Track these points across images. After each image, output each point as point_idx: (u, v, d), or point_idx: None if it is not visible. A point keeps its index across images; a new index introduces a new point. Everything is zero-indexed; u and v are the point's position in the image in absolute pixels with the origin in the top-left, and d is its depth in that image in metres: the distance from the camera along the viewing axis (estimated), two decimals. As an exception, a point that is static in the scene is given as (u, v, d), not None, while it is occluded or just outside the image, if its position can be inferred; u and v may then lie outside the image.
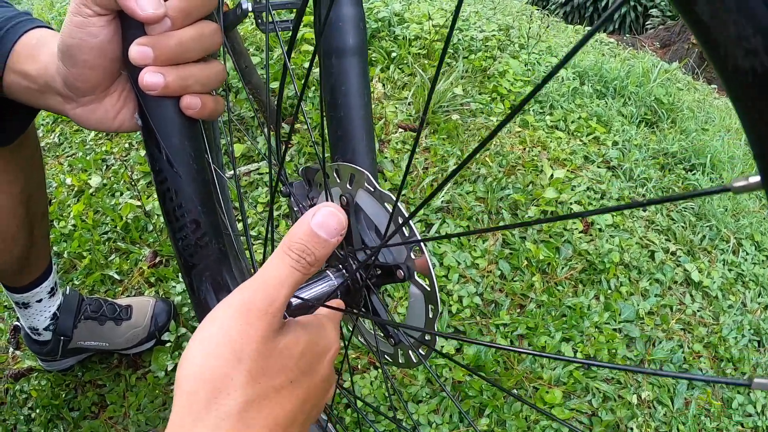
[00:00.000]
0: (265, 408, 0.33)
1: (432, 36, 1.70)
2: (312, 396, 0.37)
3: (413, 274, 0.53)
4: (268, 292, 0.34)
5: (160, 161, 0.49)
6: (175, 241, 0.51)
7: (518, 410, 1.03)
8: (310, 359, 0.37)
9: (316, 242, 0.36)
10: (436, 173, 1.39)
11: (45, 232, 0.85)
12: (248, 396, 0.32)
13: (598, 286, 1.25)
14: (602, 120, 1.70)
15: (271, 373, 0.33)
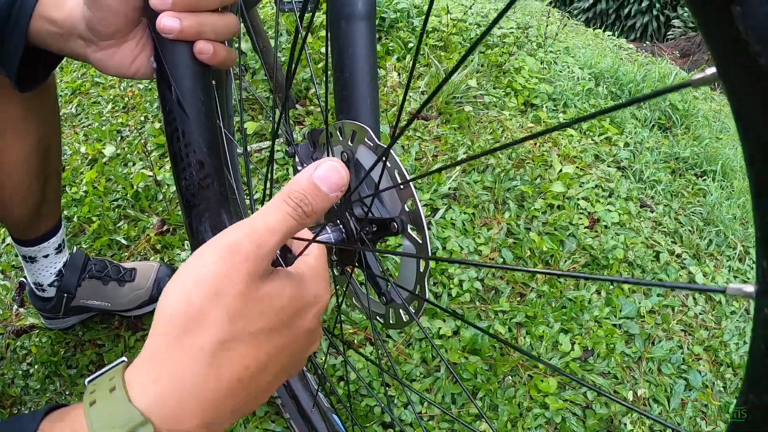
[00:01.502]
0: (236, 351, 0.32)
1: (450, 29, 1.71)
2: (290, 348, 0.36)
3: (406, 226, 0.54)
4: (258, 235, 0.33)
5: (171, 102, 0.51)
6: (179, 181, 0.53)
7: (512, 395, 1.03)
8: (293, 312, 0.36)
9: (316, 194, 0.35)
10: (446, 161, 1.40)
11: (57, 189, 0.87)
12: (222, 335, 0.31)
13: (600, 282, 1.25)
14: (615, 121, 1.70)
15: (249, 318, 0.32)
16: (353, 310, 1.09)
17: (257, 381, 0.34)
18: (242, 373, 0.32)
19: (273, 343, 0.34)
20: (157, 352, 0.31)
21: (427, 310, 1.11)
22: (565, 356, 1.10)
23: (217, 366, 0.31)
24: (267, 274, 0.34)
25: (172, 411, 0.30)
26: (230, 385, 0.32)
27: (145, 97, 1.44)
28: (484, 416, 0.46)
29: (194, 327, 0.31)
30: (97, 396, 0.31)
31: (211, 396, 0.31)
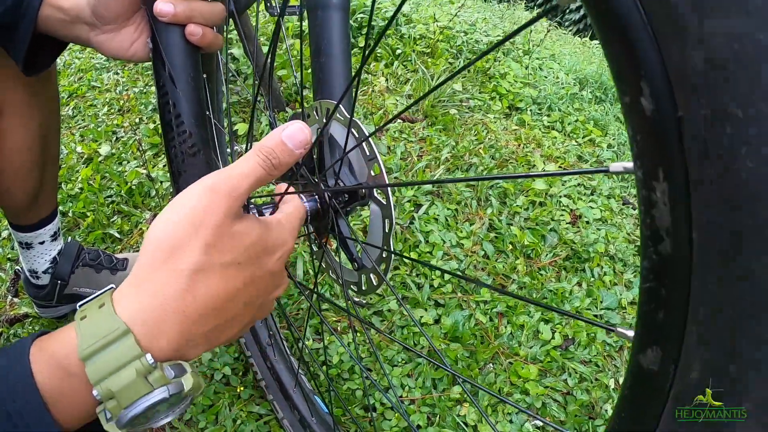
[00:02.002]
0: (210, 278, 0.36)
1: (437, 36, 1.77)
2: (256, 285, 0.40)
3: (373, 192, 0.58)
4: (233, 179, 0.38)
5: (164, 77, 0.57)
6: (169, 149, 0.58)
7: (492, 381, 1.05)
8: (260, 250, 0.40)
9: (283, 149, 0.40)
10: (430, 160, 1.44)
11: (55, 176, 0.92)
12: (199, 262, 0.36)
13: (581, 274, 1.28)
14: (599, 124, 1.74)
15: (222, 250, 0.37)
16: (329, 279, 1.12)
17: (227, 309, 0.38)
18: (214, 297, 0.36)
19: (241, 276, 0.38)
20: (141, 274, 0.36)
21: (410, 300, 1.14)
22: (546, 344, 1.13)
23: (193, 288, 0.35)
24: (240, 215, 0.39)
25: (152, 324, 0.34)
26: (204, 307, 0.36)
27: (140, 100, 1.49)
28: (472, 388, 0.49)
29: (175, 253, 0.35)
30: (87, 312, 0.35)
31: (186, 314, 0.35)
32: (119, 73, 1.62)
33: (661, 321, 0.23)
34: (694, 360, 0.22)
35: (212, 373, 1.00)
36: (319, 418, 0.89)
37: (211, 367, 1.00)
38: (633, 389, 0.26)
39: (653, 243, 0.23)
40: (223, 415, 0.96)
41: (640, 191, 0.24)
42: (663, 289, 0.23)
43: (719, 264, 0.20)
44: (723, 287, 0.20)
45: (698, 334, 0.21)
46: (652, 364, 0.24)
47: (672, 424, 0.24)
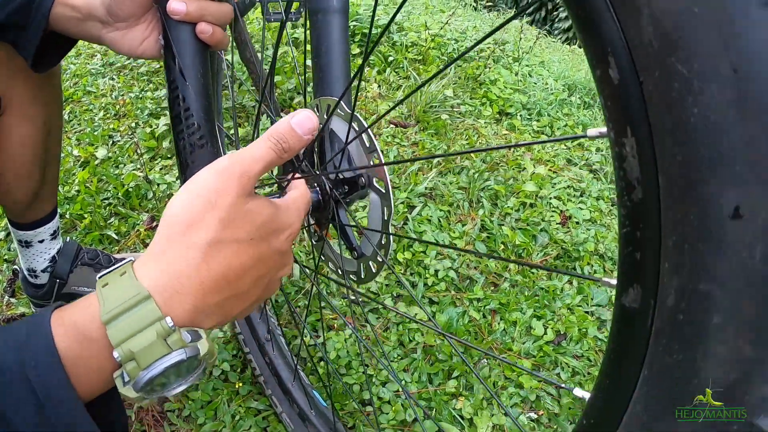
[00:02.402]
0: (224, 251, 0.39)
1: (428, 43, 1.81)
2: (266, 261, 0.43)
3: (372, 180, 0.61)
4: (246, 162, 0.41)
5: (174, 72, 0.60)
6: (178, 141, 0.60)
7: (486, 375, 1.07)
8: (270, 229, 0.42)
9: (292, 135, 0.43)
10: (422, 163, 1.47)
11: (55, 175, 0.93)
12: (214, 236, 0.38)
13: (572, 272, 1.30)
14: (588, 128, 1.78)
15: (235, 227, 0.39)
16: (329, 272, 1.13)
17: (239, 282, 0.40)
18: (227, 270, 0.39)
19: (252, 251, 0.41)
20: (160, 246, 0.38)
21: (404, 298, 1.16)
22: (539, 340, 1.15)
23: (208, 260, 0.38)
24: (252, 195, 0.42)
25: (171, 291, 0.37)
26: (218, 278, 0.38)
27: (136, 105, 1.51)
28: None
29: (192, 228, 0.38)
30: (108, 280, 0.37)
31: (202, 284, 0.38)
32: (114, 79, 1.64)
33: (639, 261, 0.26)
34: (669, 288, 0.24)
35: (211, 370, 1.01)
36: (318, 411, 0.90)
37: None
38: (619, 331, 0.28)
39: (627, 192, 0.26)
40: (221, 411, 0.97)
41: (613, 150, 0.27)
42: (638, 232, 0.26)
43: (679, 198, 0.23)
44: (683, 217, 0.23)
45: (670, 264, 0.24)
46: (633, 302, 0.27)
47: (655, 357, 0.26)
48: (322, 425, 0.88)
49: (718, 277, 0.23)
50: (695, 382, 0.25)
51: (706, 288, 0.23)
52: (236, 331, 1.00)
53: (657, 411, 0.27)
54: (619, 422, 0.30)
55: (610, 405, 0.30)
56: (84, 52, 1.81)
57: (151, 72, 1.66)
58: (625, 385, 0.28)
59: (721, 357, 0.24)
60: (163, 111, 1.49)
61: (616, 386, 0.29)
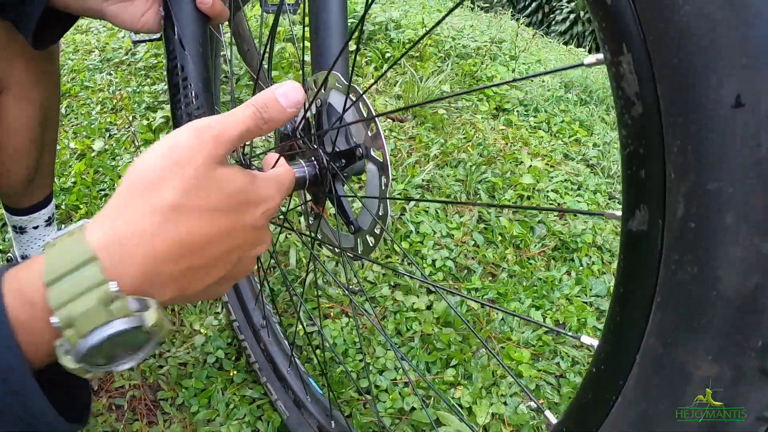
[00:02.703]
0: (185, 218, 0.35)
1: (425, 40, 1.82)
2: (234, 236, 0.38)
3: (370, 151, 0.60)
4: (224, 124, 0.37)
5: (174, 42, 0.60)
6: (176, 110, 0.60)
7: (485, 364, 1.06)
8: (243, 199, 0.38)
9: (275, 105, 0.40)
10: (420, 156, 1.47)
11: (51, 160, 0.93)
12: (177, 200, 0.34)
13: (570, 263, 1.30)
14: (584, 124, 1.79)
15: (200, 192, 0.35)
16: (325, 247, 1.13)
17: (200, 254, 0.36)
18: (184, 239, 0.35)
19: (219, 222, 0.37)
20: (116, 204, 0.35)
21: (401, 287, 1.15)
22: (537, 329, 1.14)
23: (165, 225, 0.34)
24: (225, 162, 0.38)
25: (120, 254, 0.33)
26: (175, 246, 0.34)
27: (133, 99, 1.51)
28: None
29: (153, 188, 0.34)
30: (57, 241, 0.34)
31: (156, 249, 0.34)
32: (112, 74, 1.64)
33: (644, 178, 0.25)
34: (677, 198, 0.24)
35: (205, 358, 1.00)
36: (314, 398, 0.89)
37: (203, 351, 1.00)
38: (626, 261, 0.28)
39: (627, 110, 0.26)
40: (215, 399, 0.95)
41: (610, 71, 0.27)
42: (641, 149, 0.25)
43: (679, 100, 0.23)
44: (685, 118, 0.23)
45: (676, 171, 0.23)
46: (641, 225, 0.26)
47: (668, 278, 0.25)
48: (319, 412, 0.87)
49: (726, 172, 0.22)
50: (714, 295, 0.24)
51: (715, 186, 0.22)
52: (231, 318, 0.99)
53: (673, 337, 0.26)
54: (631, 362, 0.29)
55: (621, 345, 0.29)
56: (82, 48, 1.81)
57: (149, 67, 1.66)
58: (637, 319, 0.27)
59: (740, 259, 0.23)
60: (160, 104, 1.49)
61: (628, 322, 0.28)
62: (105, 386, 0.99)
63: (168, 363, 1.00)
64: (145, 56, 1.70)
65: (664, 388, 0.27)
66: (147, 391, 0.98)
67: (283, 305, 1.11)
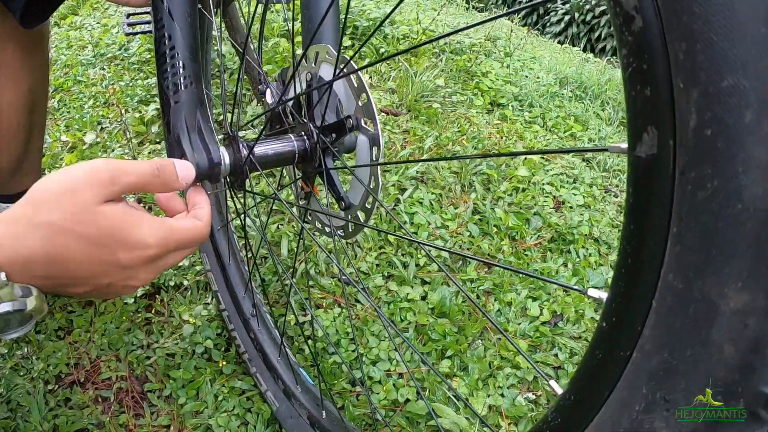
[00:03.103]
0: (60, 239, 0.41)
1: (420, 36, 1.81)
2: (103, 268, 0.43)
3: (360, 121, 0.59)
4: (121, 170, 0.43)
5: (162, 11, 0.59)
6: (162, 80, 0.59)
7: (481, 356, 1.04)
8: (118, 239, 0.43)
9: (171, 171, 0.48)
10: (414, 149, 1.45)
11: (39, 146, 0.91)
12: (58, 222, 0.40)
13: (566, 255, 1.28)
14: (579, 120, 1.78)
15: (79, 220, 0.41)
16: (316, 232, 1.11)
17: (63, 269, 0.42)
18: (51, 251, 0.41)
19: (86, 250, 0.42)
20: (18, 211, 0.41)
21: (395, 277, 1.13)
22: (535, 320, 1.12)
23: (43, 238, 0.40)
24: (114, 202, 0.43)
25: (8, 252, 0.39)
26: (45, 258, 0.41)
27: (126, 92, 1.50)
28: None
29: (44, 206, 0.41)
30: None
31: (31, 255, 0.40)
32: (105, 69, 1.63)
33: (649, 96, 0.24)
34: (689, 107, 0.22)
35: (193, 348, 0.98)
36: (305, 388, 0.86)
37: (192, 342, 0.98)
38: (636, 193, 0.26)
39: (626, 26, 0.24)
40: (204, 391, 0.93)
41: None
42: (644, 64, 0.24)
43: (681, 4, 0.21)
44: (689, 19, 0.21)
45: (684, 77, 0.22)
46: (650, 148, 0.24)
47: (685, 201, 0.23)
48: (310, 403, 0.85)
49: (740, 63, 0.20)
50: (739, 209, 0.22)
51: (730, 83, 0.20)
52: (221, 308, 0.97)
53: (695, 268, 0.24)
54: (647, 308, 0.26)
55: (635, 291, 0.27)
56: (75, 44, 1.80)
57: (142, 62, 1.65)
58: (652, 257, 0.25)
59: (766, 161, 0.20)
60: (153, 98, 1.48)
61: (640, 263, 0.26)
62: (91, 378, 0.96)
63: (156, 354, 0.98)
64: (138, 51, 1.69)
65: (689, 330, 0.25)
66: (134, 382, 0.95)
67: (274, 295, 1.09)
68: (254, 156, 0.60)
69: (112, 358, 0.98)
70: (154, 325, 1.02)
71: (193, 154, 0.58)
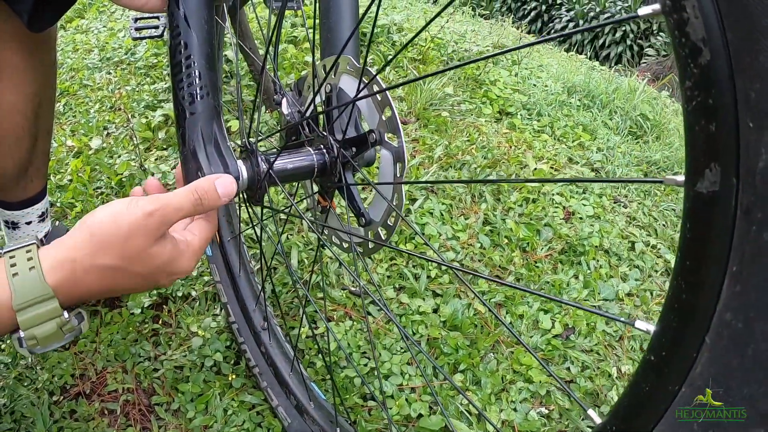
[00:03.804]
0: (118, 276, 0.47)
1: (428, 44, 1.80)
2: (147, 284, 0.51)
3: (384, 136, 0.57)
4: (169, 210, 0.47)
5: (178, 18, 0.56)
6: (178, 90, 0.57)
7: (494, 369, 1.02)
8: (164, 271, 0.50)
9: (213, 194, 0.51)
10: (423, 158, 1.44)
11: (45, 152, 0.89)
12: (114, 264, 0.46)
13: (577, 267, 1.27)
14: (588, 129, 1.77)
15: (135, 262, 0.47)
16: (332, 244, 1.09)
17: (113, 292, 0.50)
18: (114, 287, 0.48)
19: (140, 280, 0.49)
20: (72, 249, 0.45)
21: (407, 289, 1.12)
22: (546, 333, 1.11)
23: (102, 278, 0.46)
24: (161, 238, 0.48)
25: (69, 290, 0.45)
26: (103, 290, 0.48)
27: (132, 97, 1.48)
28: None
29: (102, 249, 0.45)
30: (18, 270, 0.44)
31: (89, 290, 0.47)
32: (111, 73, 1.61)
33: (714, 133, 0.23)
34: (758, 147, 0.21)
35: (202, 361, 0.96)
36: (317, 404, 0.85)
37: (201, 354, 0.96)
38: (695, 228, 0.25)
39: (692, 58, 0.23)
40: (213, 405, 0.91)
41: (669, 20, 0.25)
42: (710, 99, 0.23)
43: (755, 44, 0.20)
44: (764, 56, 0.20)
45: (755, 117, 0.21)
46: (712, 185, 0.23)
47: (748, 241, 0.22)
48: (323, 418, 0.83)
49: None
50: None
51: None
52: (230, 320, 0.95)
53: (757, 307, 0.23)
54: (699, 345, 0.25)
55: (688, 327, 0.26)
56: (81, 47, 1.78)
57: (149, 66, 1.63)
58: (708, 294, 0.24)
59: None
60: (159, 103, 1.46)
61: (695, 299, 0.25)
62: (97, 390, 0.94)
63: (163, 366, 0.96)
64: (145, 55, 1.67)
65: (746, 369, 0.23)
66: (141, 395, 0.93)
67: (284, 307, 1.07)
68: (273, 171, 0.58)
69: (118, 369, 0.96)
70: (161, 337, 1.00)
71: (209, 168, 0.57)
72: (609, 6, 5.87)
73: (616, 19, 0.27)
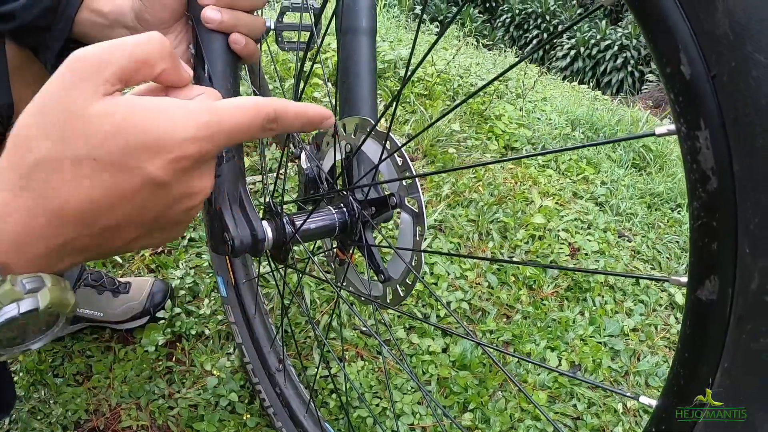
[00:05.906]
0: (56, 175, 0.28)
1: (434, 79, 1.85)
2: (131, 198, 0.30)
3: (404, 200, 0.60)
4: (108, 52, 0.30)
5: (204, 81, 0.59)
6: None
7: (503, 408, 1.04)
8: (129, 144, 0.28)
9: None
10: (431, 196, 1.47)
11: None
12: (40, 154, 0.28)
13: (583, 303, 1.29)
14: (592, 162, 1.80)
15: (72, 138, 0.28)
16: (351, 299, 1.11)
17: (89, 221, 0.29)
18: (63, 203, 0.28)
19: (102, 178, 0.29)
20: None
21: (417, 329, 1.14)
22: (553, 371, 1.12)
23: (31, 188, 0.28)
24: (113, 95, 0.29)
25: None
26: (50, 213, 0.28)
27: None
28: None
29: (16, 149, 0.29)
30: None
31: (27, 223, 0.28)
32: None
33: (716, 251, 0.26)
34: (752, 272, 0.24)
35: (217, 400, 0.98)
36: (331, 445, 0.86)
37: (216, 394, 0.98)
38: (693, 327, 0.28)
39: (701, 184, 0.26)
40: (228, 445, 0.93)
41: (683, 145, 0.28)
42: (714, 222, 0.25)
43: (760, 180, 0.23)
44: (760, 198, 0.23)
45: (752, 247, 0.24)
46: (710, 294, 0.26)
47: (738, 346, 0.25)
48: (335, 459, 0.85)
49: None
50: None
51: None
52: (245, 361, 0.97)
53: (745, 400, 0.26)
54: (694, 425, 0.28)
55: (683, 408, 0.29)
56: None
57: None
58: (701, 384, 0.27)
59: None
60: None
61: (692, 386, 0.28)
62: (111, 426, 0.96)
63: (178, 404, 0.98)
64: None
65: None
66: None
67: (299, 347, 1.09)
68: None
69: (132, 406, 0.98)
70: (175, 374, 1.02)
71: (236, 229, 0.59)
72: (609, 33, 5.98)
73: (631, 135, 0.30)
